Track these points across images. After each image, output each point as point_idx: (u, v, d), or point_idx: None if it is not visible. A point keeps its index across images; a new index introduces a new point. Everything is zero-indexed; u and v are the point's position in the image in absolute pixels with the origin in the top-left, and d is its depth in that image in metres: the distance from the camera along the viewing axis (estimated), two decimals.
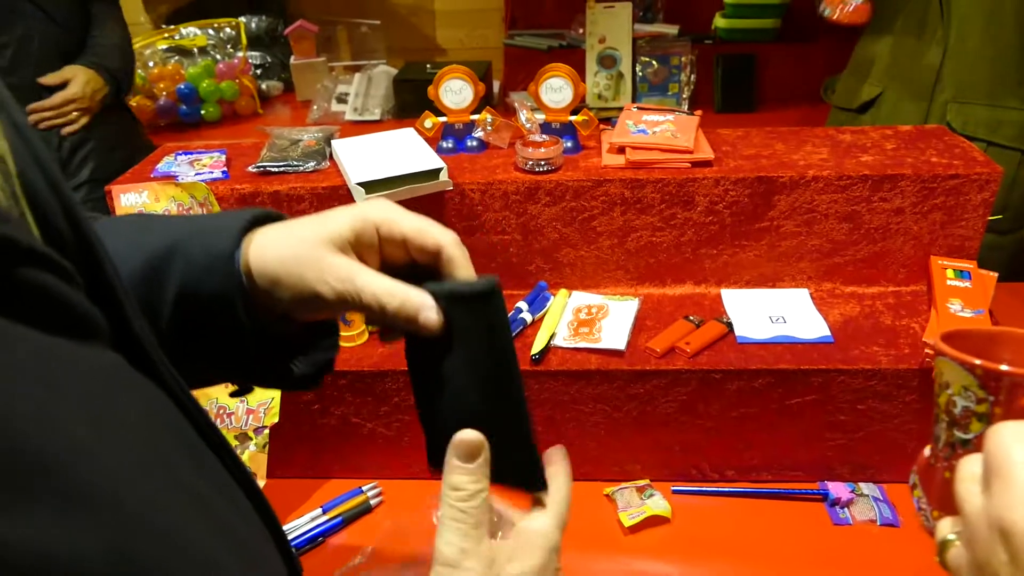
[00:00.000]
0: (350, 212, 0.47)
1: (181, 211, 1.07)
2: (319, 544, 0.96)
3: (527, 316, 1.02)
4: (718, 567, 0.90)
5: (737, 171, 1.02)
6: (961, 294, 0.98)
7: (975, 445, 0.39)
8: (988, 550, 0.33)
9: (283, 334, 0.49)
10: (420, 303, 0.46)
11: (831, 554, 0.90)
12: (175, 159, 1.15)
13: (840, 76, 1.68)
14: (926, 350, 0.91)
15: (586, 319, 1.02)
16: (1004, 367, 0.38)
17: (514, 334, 1.00)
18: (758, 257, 1.07)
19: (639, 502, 0.96)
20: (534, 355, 0.95)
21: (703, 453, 1.00)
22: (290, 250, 0.45)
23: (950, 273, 1.01)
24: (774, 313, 1.02)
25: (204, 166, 1.12)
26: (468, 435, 0.45)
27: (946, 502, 0.41)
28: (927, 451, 0.45)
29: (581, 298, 1.08)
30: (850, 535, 0.93)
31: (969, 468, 0.37)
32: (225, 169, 1.11)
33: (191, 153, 1.17)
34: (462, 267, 0.48)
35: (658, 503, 0.96)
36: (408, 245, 0.47)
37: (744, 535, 0.94)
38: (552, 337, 0.99)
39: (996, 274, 1.01)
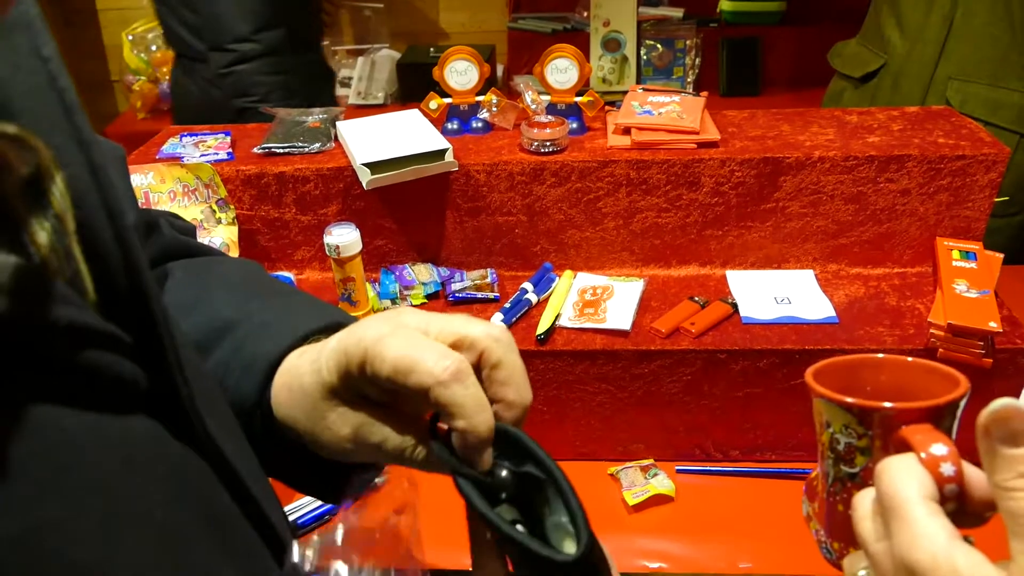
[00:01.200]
0: (335, 350, 0.39)
1: (186, 192, 1.07)
2: (326, 522, 0.96)
3: (532, 297, 1.03)
4: (721, 545, 0.91)
5: (743, 152, 1.02)
6: (967, 275, 0.98)
7: (862, 478, 0.41)
8: None
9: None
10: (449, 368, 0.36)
11: None
12: (180, 140, 1.15)
13: (849, 42, 1.67)
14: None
15: (591, 300, 1.02)
16: (878, 404, 0.38)
17: (519, 315, 1.00)
18: (763, 238, 1.07)
19: (643, 481, 0.97)
20: (539, 335, 0.96)
21: (707, 433, 1.00)
22: (298, 406, 0.41)
23: (956, 254, 1.01)
24: (779, 294, 1.02)
25: (209, 147, 1.12)
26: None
27: (843, 533, 0.42)
28: (816, 483, 0.46)
29: (586, 279, 1.08)
30: None
31: (864, 506, 0.37)
32: (230, 150, 1.11)
33: (196, 135, 1.17)
34: (458, 417, 0.36)
35: (662, 482, 0.96)
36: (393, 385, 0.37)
37: (747, 514, 0.94)
38: (557, 318, 0.99)
39: (1002, 255, 1.01)
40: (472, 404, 0.36)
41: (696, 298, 1.01)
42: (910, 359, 0.44)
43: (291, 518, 0.94)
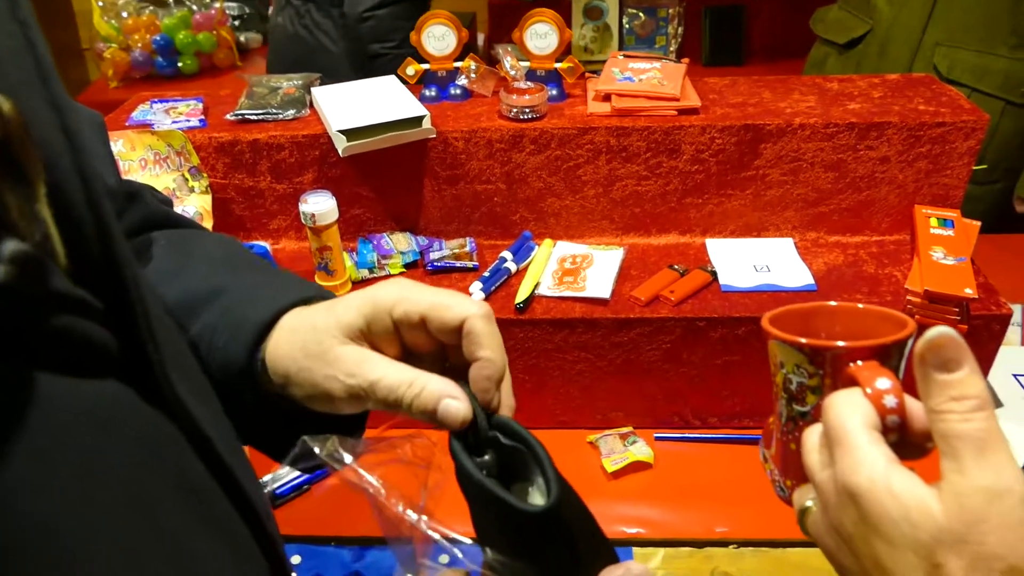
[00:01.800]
0: (359, 296, 0.42)
1: (158, 160, 1.05)
2: (304, 492, 0.96)
3: (511, 266, 1.02)
4: (699, 511, 0.91)
5: (724, 119, 1.01)
6: (944, 242, 0.98)
7: (813, 416, 0.42)
8: (839, 513, 0.36)
9: (295, 414, 0.45)
10: (440, 391, 0.39)
11: None
12: (150, 107, 1.12)
13: (831, 8, 1.65)
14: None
15: (571, 268, 1.02)
16: (829, 343, 0.40)
17: (498, 284, 1.00)
18: (743, 206, 1.06)
19: (622, 448, 0.97)
20: (518, 304, 0.95)
21: (686, 400, 1.00)
22: (299, 344, 0.41)
23: (934, 222, 1.01)
24: (758, 262, 1.02)
25: (180, 114, 1.09)
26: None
27: (795, 471, 0.44)
28: (771, 426, 0.48)
29: (566, 248, 1.07)
30: None
31: (812, 439, 0.39)
32: (202, 117, 1.08)
33: (167, 101, 1.14)
34: (484, 346, 0.40)
35: (641, 449, 0.97)
36: (428, 327, 0.41)
37: (725, 480, 0.95)
38: (536, 286, 0.98)
39: (979, 223, 1.01)
40: (498, 338, 0.41)
41: (676, 266, 1.01)
42: (861, 306, 0.45)
43: (268, 489, 0.94)
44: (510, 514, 0.38)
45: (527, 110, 1.02)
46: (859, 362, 0.39)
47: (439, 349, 0.43)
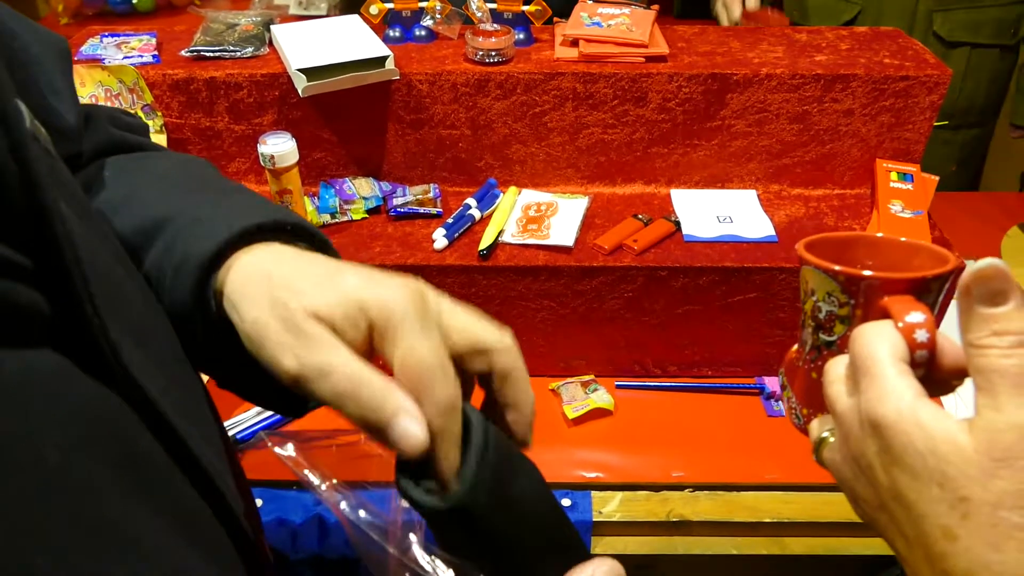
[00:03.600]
0: (347, 294, 0.34)
1: (109, 97, 1.01)
2: (262, 440, 0.95)
3: (476, 213, 1.01)
4: (656, 456, 0.93)
5: (691, 67, 1.00)
6: (903, 196, 0.99)
7: (839, 347, 0.41)
8: (861, 443, 0.35)
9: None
10: (398, 405, 0.32)
11: (764, 443, 0.94)
12: (100, 41, 1.08)
13: None
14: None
15: (535, 216, 1.01)
16: (864, 272, 0.39)
17: (462, 230, 0.99)
18: (708, 157, 1.06)
19: (583, 396, 0.98)
20: (482, 251, 0.95)
21: (647, 349, 1.02)
22: (268, 293, 0.35)
23: (894, 176, 1.03)
24: (721, 213, 1.03)
25: (132, 49, 1.05)
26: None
27: (814, 401, 0.44)
28: (794, 354, 0.47)
29: (531, 196, 1.06)
30: (783, 425, 0.97)
31: (836, 370, 0.38)
32: (156, 53, 1.04)
33: (118, 35, 1.09)
34: (519, 381, 0.38)
35: (602, 397, 0.98)
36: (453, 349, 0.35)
37: (683, 426, 0.97)
38: (500, 234, 0.98)
39: (937, 177, 1.03)
40: (525, 374, 0.38)
41: (640, 216, 1.01)
42: (903, 239, 0.43)
43: (230, 434, 0.93)
44: (421, 512, 0.35)
45: (493, 53, 1.00)
46: (893, 294, 0.38)
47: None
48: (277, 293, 0.34)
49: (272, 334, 0.34)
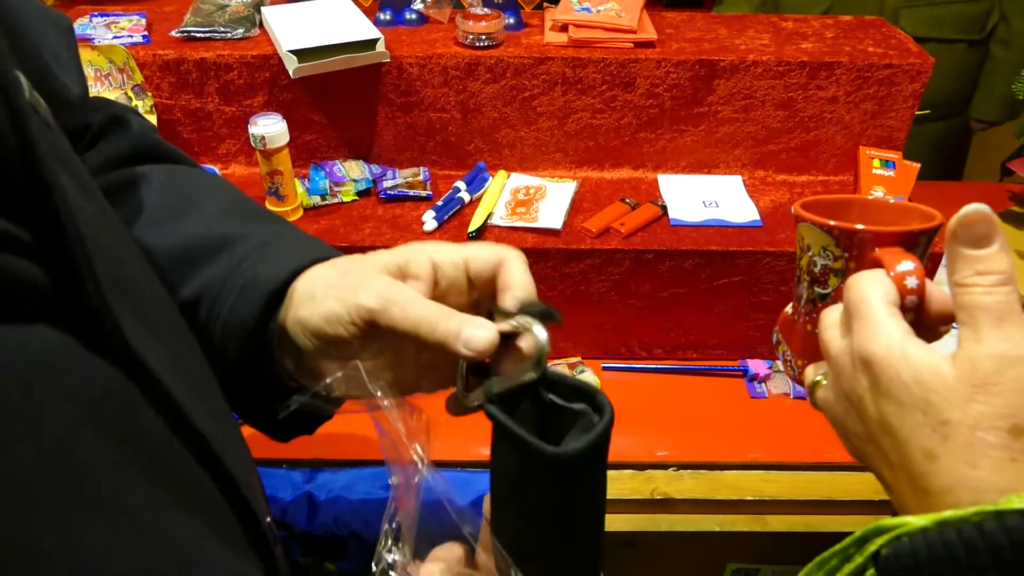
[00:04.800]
0: (395, 248, 0.42)
1: (98, 77, 1.01)
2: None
3: (465, 196, 1.02)
4: (641, 436, 0.95)
5: (679, 53, 1.01)
6: (885, 182, 1.01)
7: (832, 298, 0.44)
8: (852, 380, 0.37)
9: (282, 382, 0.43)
10: (462, 322, 0.37)
11: (747, 424, 0.96)
12: (90, 21, 1.08)
13: None
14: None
15: (524, 199, 1.02)
16: (857, 226, 0.42)
17: (451, 213, 1.00)
18: (695, 142, 1.08)
19: None
20: (471, 233, 0.96)
21: (633, 332, 1.03)
22: (338, 268, 0.41)
23: (876, 162, 1.05)
24: (708, 198, 1.04)
25: (122, 29, 1.05)
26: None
27: (808, 351, 0.46)
28: (789, 310, 0.50)
29: (520, 179, 1.08)
30: (765, 407, 0.99)
31: (831, 317, 0.41)
32: (146, 33, 1.04)
33: (107, 15, 1.09)
34: (516, 275, 0.40)
35: (588, 378, 1.00)
36: (468, 267, 0.41)
37: (668, 407, 0.99)
38: (489, 216, 0.99)
39: (918, 165, 1.05)
40: (530, 277, 0.40)
41: (627, 200, 1.02)
42: (892, 199, 0.46)
43: None
44: (532, 458, 0.36)
45: (483, 37, 1.01)
46: (884, 247, 0.40)
47: (471, 306, 0.42)
48: (346, 266, 0.40)
49: (349, 285, 0.39)
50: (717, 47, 1.03)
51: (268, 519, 0.38)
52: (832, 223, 0.42)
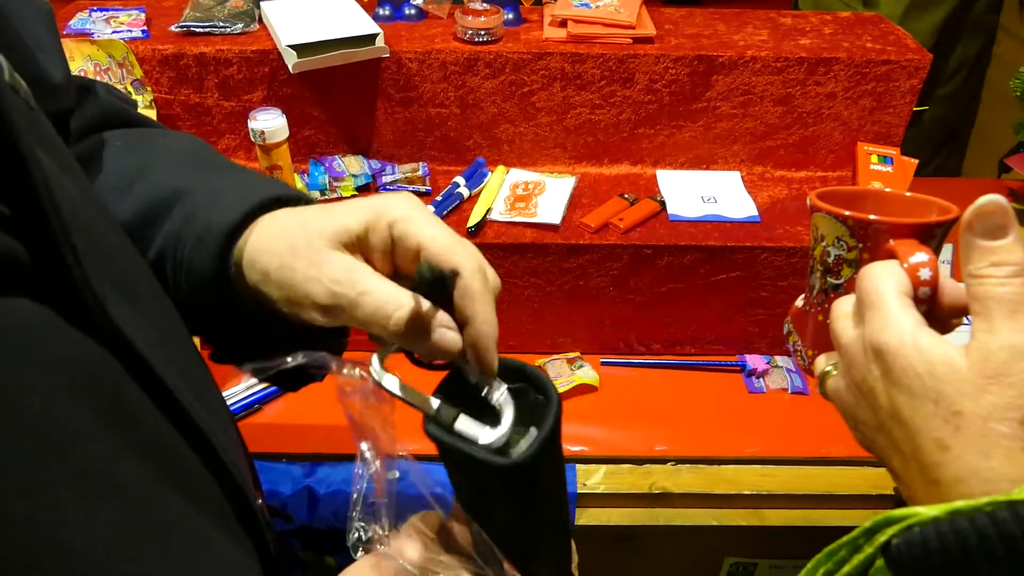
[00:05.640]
0: (363, 204, 0.39)
1: (98, 71, 1.01)
2: (255, 411, 0.97)
3: (464, 191, 1.02)
4: (639, 431, 0.95)
5: (678, 49, 1.02)
6: (883, 178, 1.02)
7: (845, 289, 0.44)
8: (864, 370, 0.37)
9: (269, 324, 0.42)
10: (437, 318, 0.37)
11: (744, 419, 0.97)
12: (89, 15, 1.07)
13: None
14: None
15: (523, 195, 1.02)
16: (871, 216, 0.42)
17: (450, 208, 1.00)
18: (694, 138, 1.08)
19: (569, 372, 1.00)
20: (470, 228, 0.96)
21: (631, 327, 1.04)
22: (286, 242, 0.38)
23: (874, 158, 1.05)
24: (706, 193, 1.04)
25: (122, 24, 1.05)
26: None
27: (819, 341, 0.46)
28: (800, 301, 0.50)
29: (519, 175, 1.08)
30: (763, 402, 0.99)
31: (843, 307, 0.41)
32: (145, 28, 1.04)
33: (106, 10, 1.09)
34: (478, 304, 0.38)
35: (587, 373, 1.00)
36: (422, 256, 0.38)
37: (666, 402, 0.99)
38: (488, 212, 0.99)
39: (916, 160, 1.05)
40: (490, 300, 0.39)
41: (626, 195, 1.03)
42: (908, 194, 0.46)
43: None
44: (474, 465, 0.37)
45: (482, 32, 1.01)
46: (899, 238, 0.40)
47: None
48: (295, 240, 0.38)
49: (299, 274, 0.37)
50: (716, 43, 1.04)
51: (260, 501, 0.38)
52: (847, 213, 0.42)
